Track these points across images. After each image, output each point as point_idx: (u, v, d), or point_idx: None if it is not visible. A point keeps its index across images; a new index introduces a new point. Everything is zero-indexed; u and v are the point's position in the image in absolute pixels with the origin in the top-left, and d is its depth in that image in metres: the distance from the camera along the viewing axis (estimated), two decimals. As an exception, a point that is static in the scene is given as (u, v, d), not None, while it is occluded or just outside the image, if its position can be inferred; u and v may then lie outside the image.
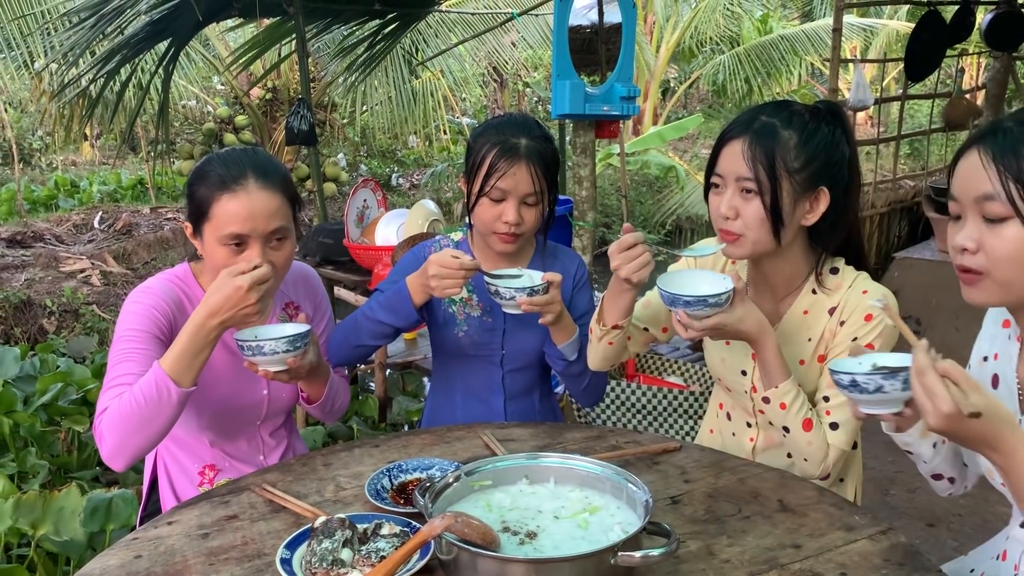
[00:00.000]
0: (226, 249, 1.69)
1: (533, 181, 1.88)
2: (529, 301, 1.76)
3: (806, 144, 1.56)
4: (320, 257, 4.19)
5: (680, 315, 1.53)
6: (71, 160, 13.47)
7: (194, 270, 1.87)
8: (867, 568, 1.27)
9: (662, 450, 1.71)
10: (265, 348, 1.59)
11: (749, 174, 1.55)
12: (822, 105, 1.64)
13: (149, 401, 1.53)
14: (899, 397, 1.24)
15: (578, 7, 4.26)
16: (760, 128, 1.56)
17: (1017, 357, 1.39)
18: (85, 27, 4.57)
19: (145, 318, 1.71)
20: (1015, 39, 6.05)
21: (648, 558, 1.14)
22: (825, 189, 1.58)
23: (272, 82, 10.32)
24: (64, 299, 6.28)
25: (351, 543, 1.26)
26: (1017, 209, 1.20)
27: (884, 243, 6.43)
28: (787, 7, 16.22)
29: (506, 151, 1.86)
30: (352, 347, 1.98)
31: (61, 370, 4.11)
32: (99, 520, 2.58)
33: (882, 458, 3.86)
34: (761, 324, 1.56)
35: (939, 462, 1.48)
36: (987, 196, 1.22)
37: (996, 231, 1.22)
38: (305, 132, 4.77)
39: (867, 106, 5.80)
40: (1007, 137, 1.22)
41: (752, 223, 1.57)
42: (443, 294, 1.80)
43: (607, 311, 1.74)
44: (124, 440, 1.55)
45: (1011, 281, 1.24)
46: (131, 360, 1.64)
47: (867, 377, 1.23)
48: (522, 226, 1.90)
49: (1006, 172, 1.20)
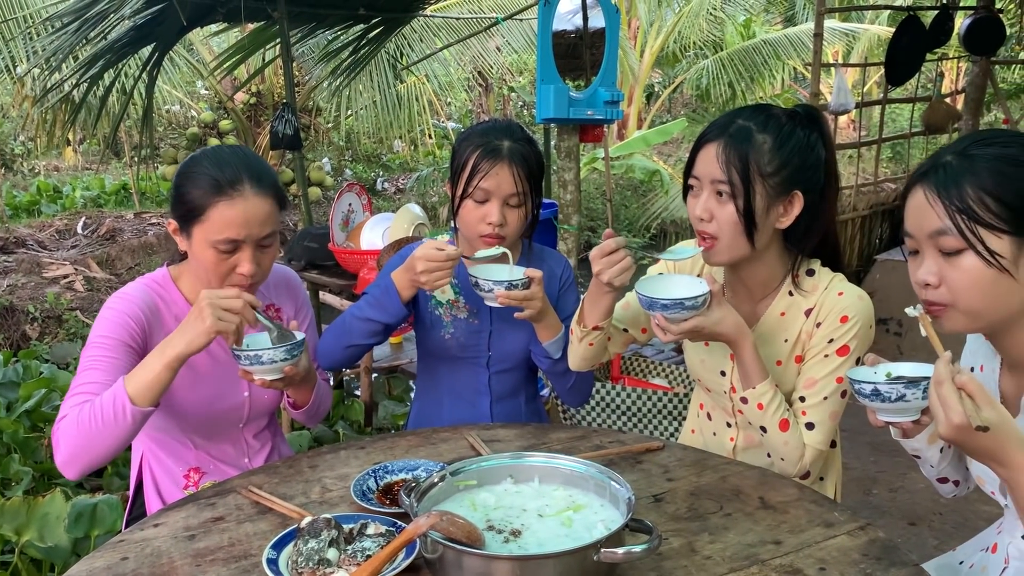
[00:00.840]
0: (216, 252, 1.70)
1: (516, 182, 1.89)
2: (507, 295, 1.78)
3: (780, 148, 1.58)
4: (305, 261, 4.19)
5: (658, 319, 1.55)
6: (54, 165, 13.38)
7: (173, 274, 1.87)
8: (846, 563, 1.29)
9: (645, 449, 1.73)
10: (263, 358, 1.59)
11: (723, 177, 1.57)
12: (800, 109, 1.66)
13: (106, 418, 1.53)
14: (918, 406, 1.28)
15: (563, 12, 4.28)
16: (735, 131, 1.58)
17: (999, 371, 1.43)
18: (68, 31, 4.56)
19: (117, 325, 1.71)
20: (993, 43, 6.13)
21: (630, 555, 1.15)
22: (799, 193, 1.60)
23: (256, 87, 10.31)
24: (47, 305, 6.24)
25: (337, 543, 1.27)
26: (969, 241, 1.24)
27: (866, 245, 6.48)
28: (770, 12, 16.33)
29: (488, 152, 1.88)
30: (343, 348, 1.98)
31: (44, 376, 4.09)
32: (84, 526, 2.57)
33: (864, 458, 3.90)
34: (739, 326, 1.58)
35: (945, 466, 1.52)
36: (939, 232, 1.26)
37: (954, 263, 1.26)
38: (290, 136, 4.77)
39: (848, 110, 5.86)
40: (947, 172, 1.26)
41: (726, 225, 1.59)
42: (433, 286, 1.81)
43: (587, 313, 1.76)
44: (79, 452, 1.56)
45: (976, 310, 1.28)
46: (97, 368, 1.65)
47: (889, 387, 1.26)
48: (506, 227, 1.91)
49: (952, 206, 1.24)
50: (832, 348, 1.63)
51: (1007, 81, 9.71)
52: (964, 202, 1.24)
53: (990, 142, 1.28)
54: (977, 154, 1.26)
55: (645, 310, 1.57)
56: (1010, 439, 1.16)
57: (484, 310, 2.06)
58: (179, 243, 1.78)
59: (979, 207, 1.23)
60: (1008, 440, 1.15)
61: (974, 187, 1.24)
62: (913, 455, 1.52)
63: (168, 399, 1.79)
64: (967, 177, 1.25)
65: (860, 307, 1.63)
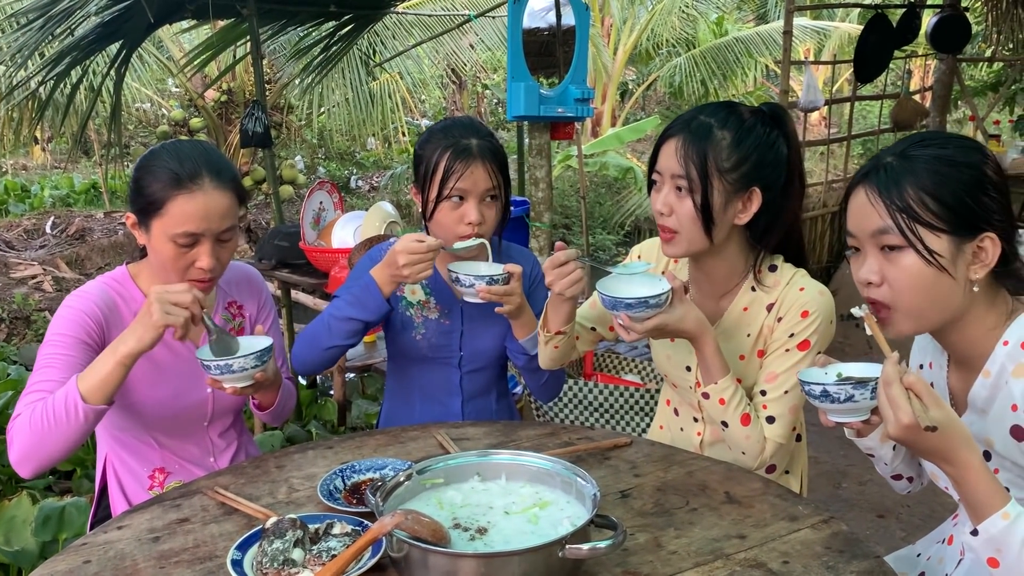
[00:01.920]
0: (175, 245, 1.69)
1: (490, 177, 1.90)
2: (488, 290, 1.78)
3: (739, 145, 1.59)
4: (276, 260, 4.16)
5: (622, 318, 1.56)
6: (22, 164, 13.18)
7: (132, 272, 1.85)
8: (809, 556, 1.31)
9: (613, 445, 1.73)
10: (234, 366, 1.57)
11: (681, 172, 1.59)
12: (766, 108, 1.68)
13: (58, 417, 1.53)
14: (867, 406, 1.29)
15: (536, 9, 4.29)
16: (696, 127, 1.60)
17: (947, 368, 1.45)
18: (33, 28, 4.48)
19: (74, 323, 1.70)
20: (959, 41, 6.21)
21: (596, 550, 1.16)
22: (757, 189, 1.62)
23: (228, 84, 10.21)
24: (15, 306, 6.16)
25: (302, 543, 1.27)
26: (909, 240, 1.27)
27: (836, 241, 6.54)
28: (742, 10, 16.44)
29: (460, 152, 1.87)
30: (322, 350, 1.95)
31: (11, 378, 4.04)
32: (51, 529, 2.54)
33: (834, 452, 3.94)
34: (700, 322, 1.59)
35: (898, 464, 1.54)
36: (881, 231, 1.30)
37: (894, 260, 1.30)
38: (260, 134, 4.73)
39: (818, 107, 5.90)
40: (888, 172, 1.30)
41: (685, 220, 1.61)
42: (416, 279, 1.80)
43: (550, 319, 1.78)
44: (31, 450, 1.56)
45: (918, 310, 1.31)
46: (53, 367, 1.64)
47: (838, 387, 1.28)
48: (484, 224, 1.91)
49: (893, 205, 1.28)
50: (793, 343, 1.65)
51: (974, 78, 9.84)
52: (904, 201, 1.27)
53: (928, 143, 1.32)
54: (916, 155, 1.30)
55: (608, 310, 1.58)
56: (958, 438, 1.17)
57: (455, 310, 2.06)
58: (138, 237, 1.77)
59: (919, 206, 1.26)
60: (955, 439, 1.17)
61: (914, 187, 1.27)
62: (867, 453, 1.54)
63: (129, 397, 1.78)
64: (907, 177, 1.28)
65: (821, 302, 1.65)
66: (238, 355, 1.59)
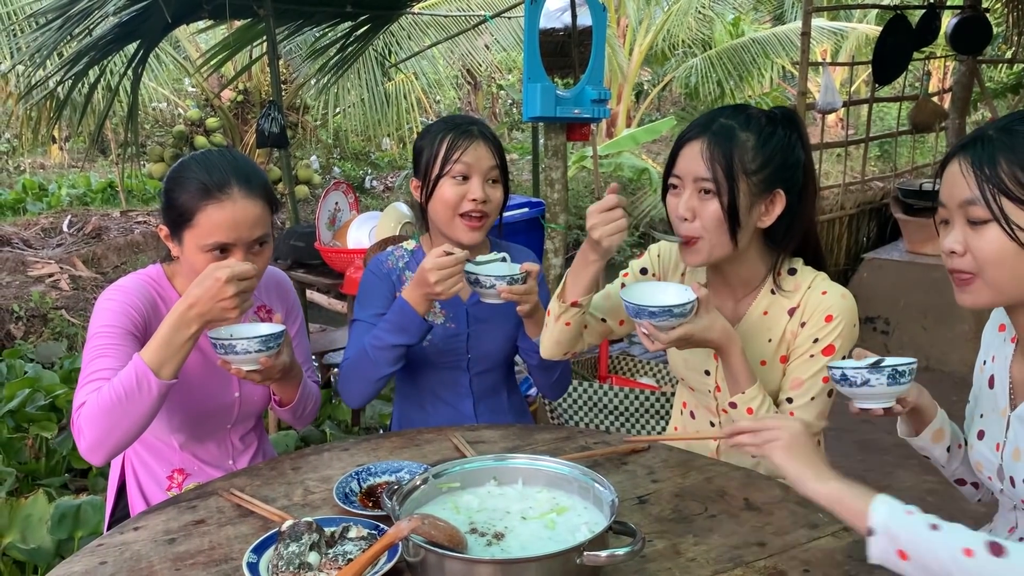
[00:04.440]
0: (208, 256, 1.68)
1: (493, 156, 1.93)
2: (509, 290, 1.77)
3: (763, 146, 1.58)
4: (292, 260, 4.17)
5: (646, 326, 1.53)
6: (39, 163, 13.27)
7: (167, 272, 1.86)
8: (830, 565, 1.29)
9: (630, 450, 1.72)
10: (238, 347, 1.59)
11: (707, 174, 1.57)
12: (778, 111, 1.67)
13: (129, 393, 1.51)
14: (886, 392, 1.34)
15: (552, 10, 4.28)
16: (718, 129, 1.58)
17: (1011, 357, 1.45)
18: (52, 28, 4.52)
19: (120, 314, 1.70)
20: (979, 43, 6.16)
21: (614, 557, 1.15)
22: (781, 192, 1.61)
23: (243, 84, 10.24)
24: (32, 304, 6.19)
25: (318, 546, 1.26)
26: (994, 213, 1.25)
27: (853, 244, 6.50)
28: (759, 10, 16.36)
29: (462, 133, 1.92)
30: (372, 382, 1.94)
31: (29, 376, 4.06)
32: (67, 527, 2.55)
33: (852, 457, 3.91)
34: (727, 331, 1.57)
35: (957, 467, 1.53)
36: (968, 201, 1.28)
37: (979, 233, 1.29)
38: (276, 135, 4.74)
39: (836, 108, 5.87)
40: (986, 145, 1.28)
41: (710, 224, 1.59)
42: (450, 294, 1.79)
43: (570, 286, 1.72)
44: (105, 433, 1.54)
45: (999, 282, 1.30)
46: (107, 356, 1.63)
47: (855, 371, 1.34)
48: (489, 204, 1.92)
49: (984, 178, 1.26)
50: (817, 348, 1.64)
51: (994, 80, 9.76)
52: (995, 174, 1.26)
53: None
54: (1019, 130, 1.28)
55: (632, 318, 1.55)
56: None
57: (460, 314, 2.05)
58: (172, 249, 1.77)
59: (1010, 180, 1.25)
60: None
61: (1008, 161, 1.25)
62: (923, 456, 1.54)
63: None
64: (1003, 151, 1.26)
65: (844, 306, 1.64)
66: (242, 336, 1.60)
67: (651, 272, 1.90)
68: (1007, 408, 1.43)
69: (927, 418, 1.50)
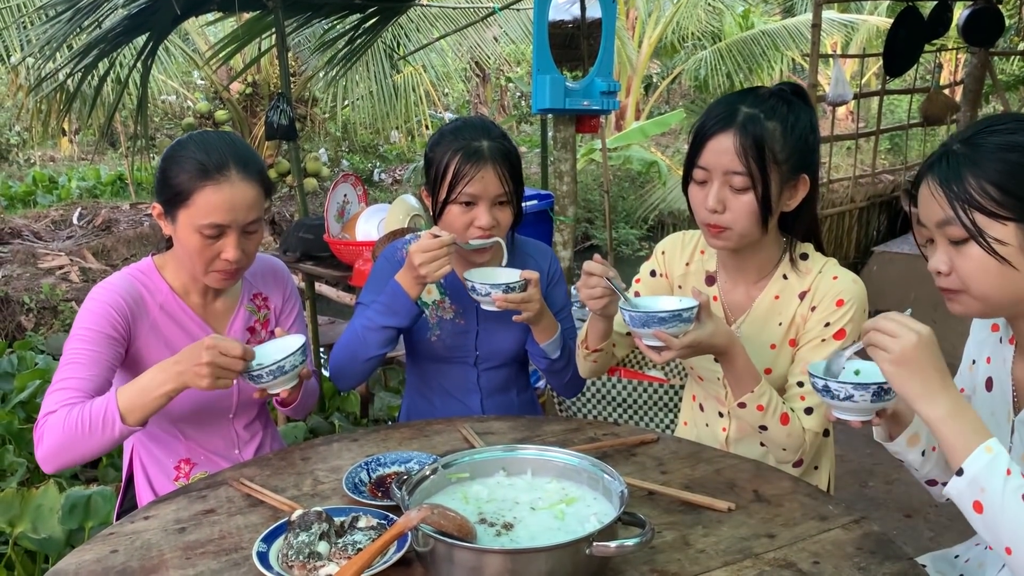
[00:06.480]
0: (201, 237, 1.69)
1: (502, 182, 1.86)
2: (504, 298, 1.76)
3: (790, 133, 1.58)
4: (300, 252, 4.17)
5: (655, 335, 1.51)
6: (49, 156, 13.33)
7: (157, 263, 1.86)
8: (840, 557, 1.28)
9: (639, 442, 1.72)
10: (286, 366, 1.55)
11: (741, 168, 1.56)
12: (787, 87, 1.65)
13: (94, 426, 1.54)
14: (868, 407, 1.30)
15: (561, 1, 4.27)
16: (746, 121, 1.56)
17: (1011, 360, 1.42)
18: (62, 21, 4.52)
19: (100, 316, 1.70)
20: (992, 35, 6.11)
21: (623, 548, 1.15)
22: (806, 176, 1.62)
23: (252, 77, 10.25)
24: (42, 296, 6.22)
25: (328, 536, 1.26)
26: (970, 231, 1.23)
27: (863, 237, 6.48)
28: (768, 2, 16.28)
29: (470, 155, 1.83)
30: (361, 363, 1.93)
31: (39, 367, 4.08)
32: (77, 517, 2.56)
33: (860, 450, 3.90)
34: (730, 335, 1.57)
35: (931, 469, 1.51)
36: (944, 222, 1.27)
37: (961, 252, 1.27)
38: (285, 127, 4.74)
39: (846, 101, 5.84)
40: (951, 162, 1.26)
41: (742, 215, 1.59)
42: (435, 276, 1.78)
43: (590, 336, 1.78)
44: (60, 450, 1.57)
45: (987, 295, 1.28)
46: (78, 363, 1.65)
47: (839, 386, 1.29)
48: (497, 228, 1.89)
49: (953, 196, 1.24)
50: (829, 332, 1.64)
51: (1006, 72, 9.69)
52: (964, 190, 1.23)
53: (996, 129, 1.26)
54: (981, 142, 1.25)
55: (638, 329, 1.52)
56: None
57: (470, 310, 2.04)
58: (164, 227, 1.77)
59: (980, 196, 1.22)
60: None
61: (974, 175, 1.23)
62: (897, 458, 1.52)
63: None
64: (967, 166, 1.24)
65: (855, 291, 1.64)
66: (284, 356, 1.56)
67: (659, 273, 1.90)
68: (1011, 414, 1.40)
69: (903, 422, 1.45)
